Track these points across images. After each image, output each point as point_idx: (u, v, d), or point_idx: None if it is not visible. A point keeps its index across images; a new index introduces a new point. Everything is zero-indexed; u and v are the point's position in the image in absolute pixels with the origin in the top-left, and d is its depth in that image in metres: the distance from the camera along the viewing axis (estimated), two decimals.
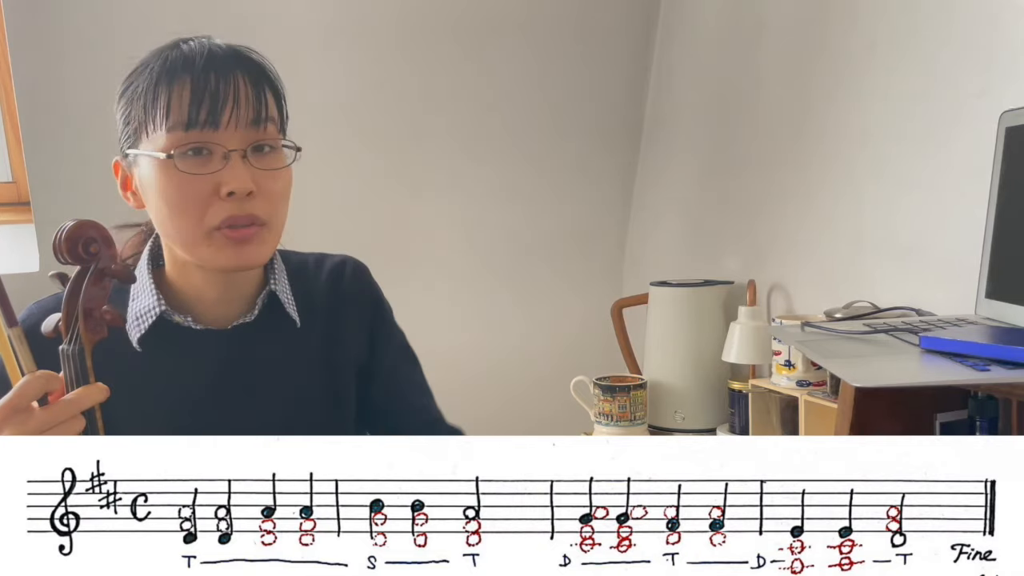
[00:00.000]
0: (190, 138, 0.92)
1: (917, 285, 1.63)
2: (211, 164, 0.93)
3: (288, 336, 1.04)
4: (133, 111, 0.95)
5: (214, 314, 1.02)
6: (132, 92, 0.96)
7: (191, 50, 0.95)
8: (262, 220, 0.95)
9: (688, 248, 2.41)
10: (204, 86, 0.92)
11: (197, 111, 0.92)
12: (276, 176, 0.96)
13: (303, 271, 1.09)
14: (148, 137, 0.94)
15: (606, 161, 2.62)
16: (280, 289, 1.04)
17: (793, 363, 1.78)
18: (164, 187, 0.93)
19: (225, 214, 0.93)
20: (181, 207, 0.93)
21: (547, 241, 2.59)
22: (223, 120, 0.92)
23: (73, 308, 0.83)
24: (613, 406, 2.09)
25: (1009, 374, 0.93)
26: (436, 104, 2.42)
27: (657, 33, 2.55)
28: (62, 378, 0.81)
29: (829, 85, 1.88)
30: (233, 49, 0.97)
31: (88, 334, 0.82)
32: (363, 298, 1.11)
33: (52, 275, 0.85)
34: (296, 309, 1.05)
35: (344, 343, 1.08)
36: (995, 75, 1.47)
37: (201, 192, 0.92)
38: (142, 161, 0.96)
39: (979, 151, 1.39)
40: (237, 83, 0.94)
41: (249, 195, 0.93)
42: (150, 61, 0.96)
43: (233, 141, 0.93)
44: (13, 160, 2.16)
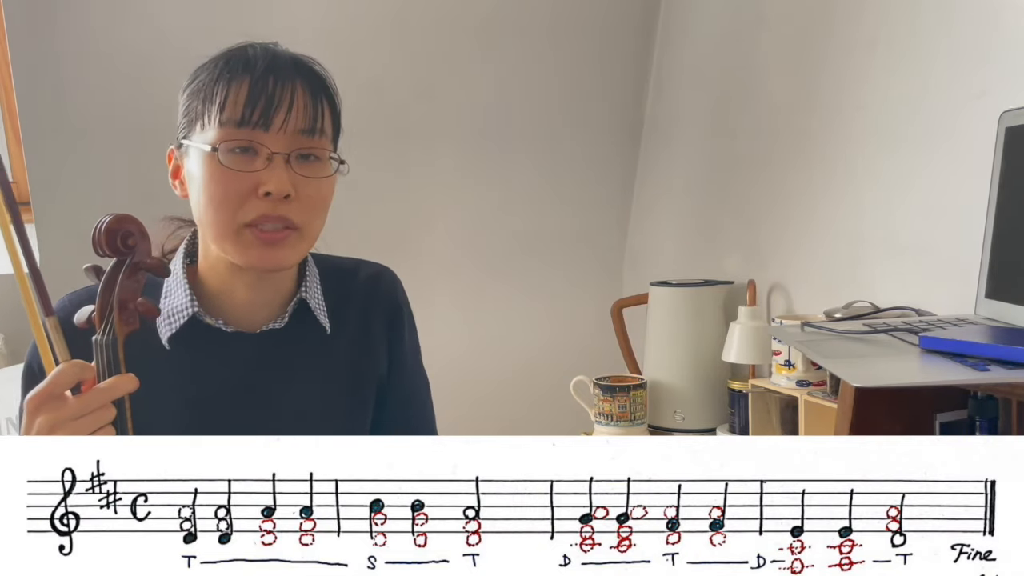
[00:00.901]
0: (239, 135, 0.94)
1: (917, 285, 1.63)
2: (254, 163, 0.95)
3: (317, 343, 1.05)
4: (193, 103, 0.98)
5: (244, 317, 1.03)
6: (195, 86, 0.98)
7: (255, 53, 0.97)
8: (295, 224, 0.96)
9: (688, 248, 2.41)
10: (262, 88, 0.94)
11: (251, 110, 0.94)
12: (317, 184, 0.98)
13: (339, 276, 1.11)
14: (202, 130, 0.96)
15: (606, 161, 2.62)
16: (311, 296, 1.05)
17: (793, 363, 1.78)
18: (206, 179, 0.95)
19: (258, 212, 0.94)
20: (218, 200, 0.95)
21: (547, 241, 2.59)
22: (275, 123, 0.94)
23: (108, 299, 0.85)
24: (613, 406, 2.09)
25: (1009, 374, 0.93)
26: (436, 104, 2.42)
27: (657, 33, 2.55)
28: (94, 367, 0.82)
29: (829, 85, 1.88)
30: (296, 58, 1.00)
31: (122, 325, 0.84)
32: (394, 311, 1.12)
33: (87, 268, 0.87)
34: (327, 315, 1.06)
35: (371, 352, 1.09)
36: (995, 75, 1.46)
37: (240, 189, 0.94)
38: (192, 152, 0.98)
39: (979, 151, 1.39)
40: (295, 90, 0.96)
41: (286, 198, 0.95)
42: (217, 59, 0.98)
43: (279, 144, 0.95)
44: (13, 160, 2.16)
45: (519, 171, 2.53)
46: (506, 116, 2.48)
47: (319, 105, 0.98)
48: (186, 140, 0.99)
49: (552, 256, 2.60)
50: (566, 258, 2.62)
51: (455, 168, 2.48)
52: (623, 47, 2.55)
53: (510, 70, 2.46)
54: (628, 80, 2.58)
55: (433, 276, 2.47)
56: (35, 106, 2.02)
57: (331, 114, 1.01)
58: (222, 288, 1.02)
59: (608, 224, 2.67)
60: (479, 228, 2.53)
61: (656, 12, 2.53)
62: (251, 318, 1.03)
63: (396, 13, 2.32)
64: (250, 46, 0.99)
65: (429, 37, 2.36)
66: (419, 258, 2.45)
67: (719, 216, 2.28)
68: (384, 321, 1.11)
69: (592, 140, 2.59)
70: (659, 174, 2.55)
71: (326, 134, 0.99)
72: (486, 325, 2.56)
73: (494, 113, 2.47)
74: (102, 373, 0.83)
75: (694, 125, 2.39)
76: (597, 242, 2.67)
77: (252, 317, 1.03)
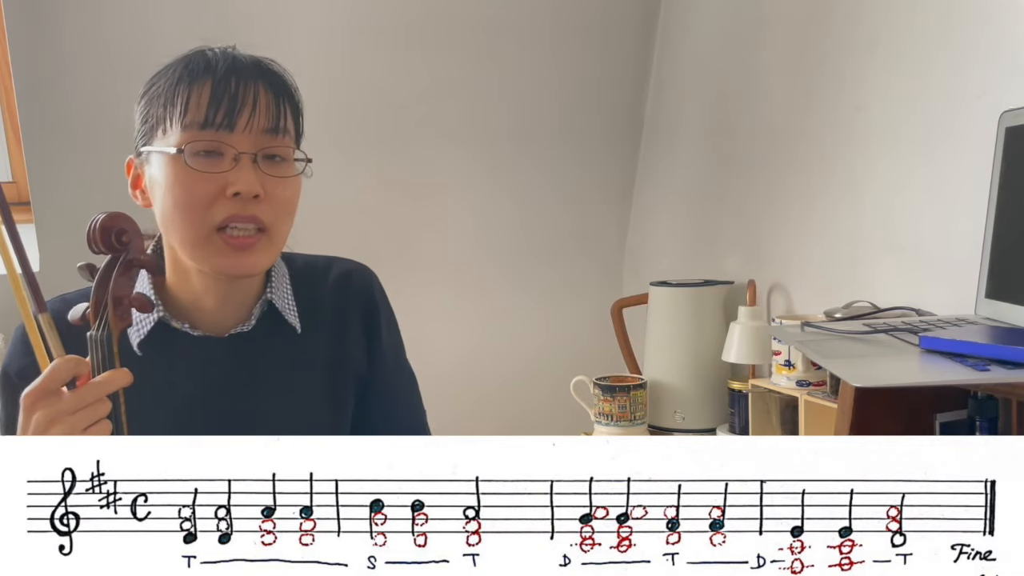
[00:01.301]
0: (204, 137, 0.93)
1: (917, 285, 1.63)
2: (221, 165, 0.94)
3: (288, 342, 1.04)
4: (151, 109, 0.97)
5: (212, 321, 1.02)
6: (153, 92, 0.98)
7: (215, 56, 0.97)
8: (264, 224, 0.95)
9: (688, 248, 2.41)
10: (224, 89, 0.94)
11: (215, 112, 0.93)
12: (284, 184, 0.97)
13: (310, 274, 1.09)
14: (164, 135, 0.95)
15: (606, 161, 2.62)
16: (277, 296, 1.04)
17: (793, 363, 1.78)
18: (172, 183, 0.94)
19: (227, 213, 0.94)
20: (186, 203, 0.94)
21: (547, 241, 2.59)
22: (239, 123, 0.94)
23: (102, 295, 0.86)
24: (613, 406, 2.09)
25: (1009, 374, 0.93)
26: (436, 104, 2.42)
27: (657, 33, 2.55)
28: (89, 363, 0.83)
29: (829, 85, 1.88)
30: (256, 60, 0.99)
31: (116, 321, 0.86)
32: (370, 308, 1.10)
33: (80, 266, 0.88)
34: (297, 314, 1.05)
35: (345, 350, 1.08)
36: (995, 75, 1.46)
37: (208, 191, 0.93)
38: (154, 158, 0.97)
39: (979, 151, 1.39)
40: (257, 91, 0.95)
41: (255, 198, 0.94)
42: (174, 64, 0.97)
43: (245, 144, 0.94)
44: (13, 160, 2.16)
45: (519, 171, 2.53)
46: (506, 116, 2.48)
47: (282, 105, 0.97)
48: (146, 147, 0.98)
49: (552, 256, 2.60)
50: (566, 258, 2.62)
51: (455, 168, 2.48)
52: (623, 47, 2.54)
53: (510, 70, 2.46)
54: (628, 80, 2.58)
55: (433, 277, 2.47)
56: (35, 106, 2.02)
57: (293, 114, 1.00)
58: (189, 296, 1.01)
59: (608, 224, 2.67)
60: (479, 228, 2.53)
61: (656, 12, 2.53)
62: (219, 323, 1.02)
63: (396, 14, 2.32)
64: (208, 49, 0.98)
65: (429, 38, 2.36)
66: (419, 259, 2.45)
67: (719, 216, 2.28)
68: (359, 318, 1.09)
69: (592, 140, 2.59)
70: (659, 174, 2.55)
71: (290, 133, 0.99)
72: (486, 325, 2.56)
73: (494, 113, 2.47)
74: (97, 368, 0.84)
75: (694, 125, 2.39)
76: (597, 242, 2.67)
77: (220, 322, 1.02)
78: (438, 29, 2.36)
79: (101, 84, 2.06)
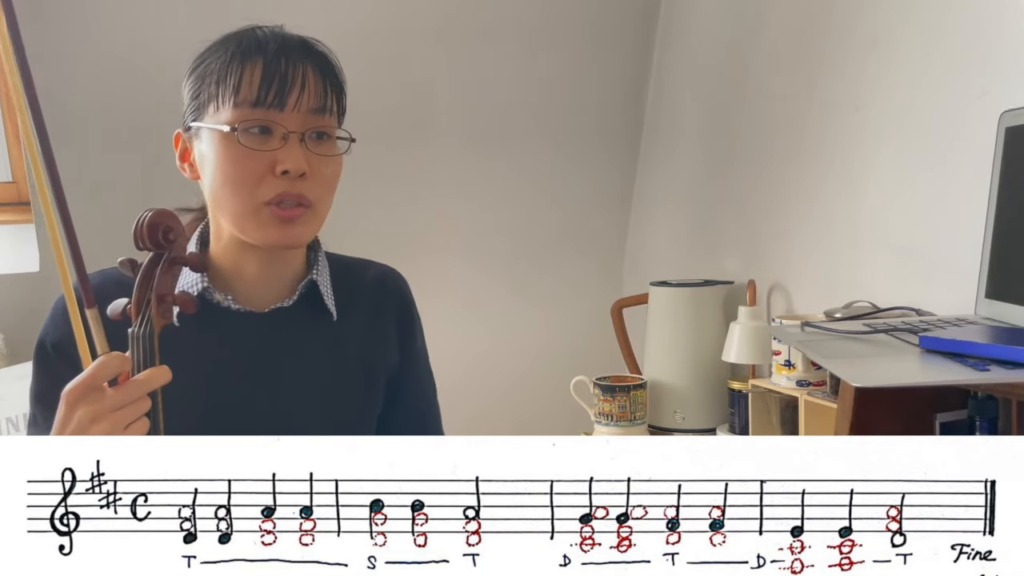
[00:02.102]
0: (256, 115, 0.95)
1: (917, 285, 1.63)
2: (271, 143, 0.96)
3: (323, 328, 1.06)
4: (203, 86, 0.99)
5: (254, 295, 1.04)
6: (204, 69, 0.99)
7: (264, 36, 0.99)
8: (309, 201, 0.98)
9: (688, 248, 2.41)
10: (275, 68, 0.96)
11: (267, 91, 0.95)
12: (329, 162, 1.00)
13: (348, 271, 1.12)
14: (215, 111, 0.97)
15: (606, 161, 2.62)
16: (321, 280, 1.06)
17: (793, 363, 1.78)
18: (223, 159, 0.96)
19: (276, 191, 0.96)
20: (236, 180, 0.96)
21: (547, 241, 2.59)
22: (289, 103, 0.96)
23: (145, 292, 0.86)
24: (613, 406, 2.09)
25: (1009, 374, 0.93)
26: (436, 104, 2.42)
27: (657, 33, 2.55)
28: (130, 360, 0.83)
29: (829, 85, 1.88)
30: (303, 40, 1.02)
31: (159, 318, 0.86)
32: (402, 310, 1.14)
33: (122, 261, 0.88)
34: (335, 304, 1.07)
35: (379, 345, 1.10)
36: (995, 75, 1.47)
37: (257, 168, 0.95)
38: (204, 134, 0.99)
39: (979, 151, 1.39)
40: (306, 71, 0.98)
41: (302, 176, 0.96)
42: (226, 42, 1.00)
43: (294, 123, 0.97)
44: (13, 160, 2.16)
45: (519, 171, 2.53)
46: (506, 117, 2.48)
47: (328, 85, 1.00)
48: (196, 122, 0.99)
49: (552, 256, 2.60)
50: (566, 258, 2.62)
51: (455, 169, 2.48)
52: (623, 48, 2.54)
53: (510, 71, 2.46)
54: (628, 81, 2.58)
55: (433, 277, 2.46)
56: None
57: (337, 94, 1.02)
58: (233, 267, 1.03)
59: (608, 224, 2.67)
60: (479, 228, 2.53)
61: (656, 13, 2.53)
62: (260, 297, 1.04)
63: (395, 14, 2.32)
64: (258, 28, 1.01)
65: (428, 38, 2.36)
66: (419, 259, 2.45)
67: (719, 216, 2.28)
68: (394, 318, 1.12)
69: (592, 140, 2.59)
70: (659, 174, 2.55)
71: (335, 113, 1.01)
72: (486, 326, 2.56)
73: (494, 114, 2.47)
74: (138, 365, 0.84)
75: (694, 125, 2.39)
76: (597, 242, 2.67)
77: (262, 296, 1.04)
78: (437, 29, 2.36)
79: (101, 84, 2.06)
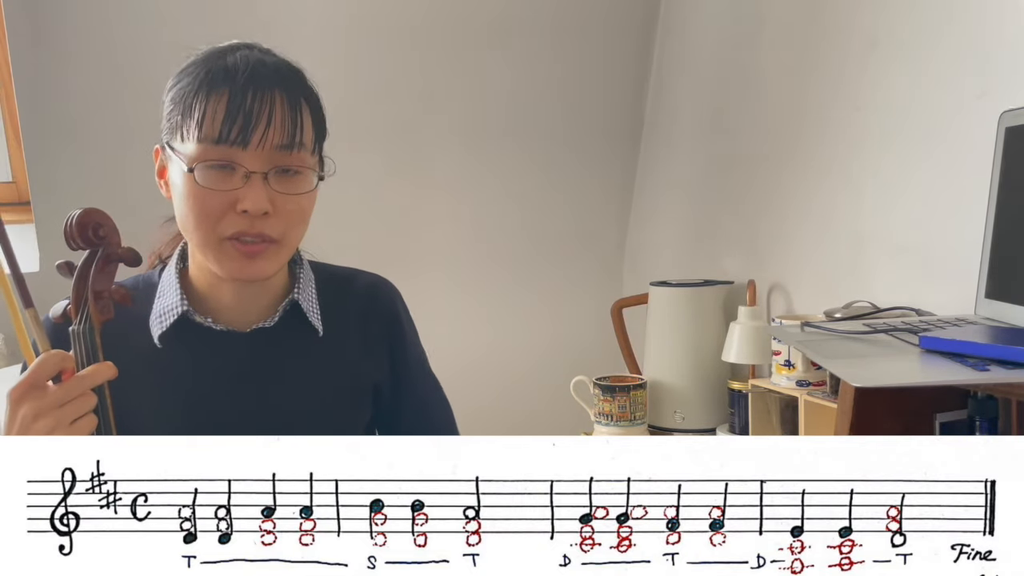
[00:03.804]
0: (217, 152, 0.93)
1: (917, 285, 1.63)
2: (232, 181, 0.94)
3: (308, 344, 1.05)
4: (174, 112, 0.97)
5: (234, 317, 1.03)
6: (177, 92, 0.97)
7: (235, 62, 0.95)
8: (272, 239, 0.96)
9: (688, 248, 2.41)
10: (240, 103, 0.93)
11: (229, 128, 0.93)
12: (295, 199, 0.97)
13: (335, 283, 1.11)
14: (182, 141, 0.96)
15: (606, 161, 2.62)
16: (303, 298, 1.05)
17: (793, 363, 1.78)
18: (185, 194, 0.96)
19: (236, 228, 0.95)
20: (198, 214, 0.95)
21: (547, 241, 2.59)
22: (253, 140, 0.93)
23: (82, 290, 0.88)
24: (613, 406, 2.09)
25: (1009, 374, 0.93)
26: (436, 104, 2.42)
27: (657, 33, 2.55)
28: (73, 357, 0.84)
29: (829, 85, 1.88)
30: (279, 66, 0.98)
31: (97, 314, 0.88)
32: (392, 320, 1.12)
33: (59, 264, 0.89)
34: (320, 318, 1.06)
35: (365, 358, 1.09)
36: (995, 75, 1.46)
37: (218, 206, 0.94)
38: (173, 161, 0.98)
39: (979, 151, 1.39)
40: (274, 104, 0.94)
41: (264, 215, 0.95)
42: (198, 64, 0.97)
43: (257, 163, 0.94)
44: (13, 160, 2.16)
45: (519, 171, 2.53)
46: (506, 116, 2.48)
47: (298, 117, 0.96)
48: (170, 145, 0.98)
49: (552, 256, 2.60)
50: (566, 258, 2.62)
51: (455, 168, 2.47)
52: (623, 47, 2.54)
53: (510, 70, 2.46)
54: (628, 80, 2.58)
55: (433, 276, 2.47)
56: (35, 106, 2.02)
57: (312, 123, 0.99)
58: (209, 290, 1.03)
59: (608, 224, 2.67)
60: (479, 227, 2.53)
61: (656, 12, 2.53)
62: (241, 318, 1.04)
63: (396, 13, 2.32)
64: (230, 52, 0.97)
65: (429, 38, 2.36)
66: (419, 258, 2.45)
67: (719, 216, 2.28)
68: (382, 330, 1.11)
69: (592, 140, 2.59)
70: (659, 174, 2.55)
71: (306, 147, 0.98)
72: (486, 325, 2.55)
73: (494, 113, 2.47)
74: (80, 362, 0.85)
75: (694, 125, 2.39)
76: (597, 242, 2.67)
77: (242, 317, 1.04)
78: (440, 29, 2.36)
79: (101, 84, 2.06)
